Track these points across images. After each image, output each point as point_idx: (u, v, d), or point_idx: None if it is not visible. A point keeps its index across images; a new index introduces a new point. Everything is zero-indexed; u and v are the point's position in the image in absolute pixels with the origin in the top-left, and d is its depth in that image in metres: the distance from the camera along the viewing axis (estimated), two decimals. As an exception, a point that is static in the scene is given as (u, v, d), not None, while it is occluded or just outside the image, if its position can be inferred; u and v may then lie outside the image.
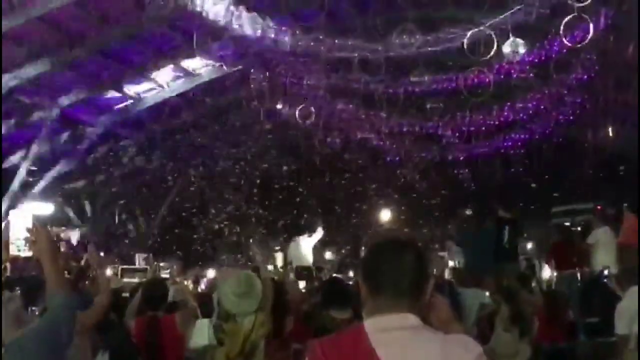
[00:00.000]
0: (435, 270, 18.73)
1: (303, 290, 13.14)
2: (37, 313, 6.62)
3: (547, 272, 18.78)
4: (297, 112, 20.60)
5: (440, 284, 12.13)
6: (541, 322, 11.40)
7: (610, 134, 21.37)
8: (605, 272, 13.14)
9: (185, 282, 18.76)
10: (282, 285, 8.98)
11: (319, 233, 18.36)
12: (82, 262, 21.70)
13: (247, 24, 15.39)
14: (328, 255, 21.72)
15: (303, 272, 16.58)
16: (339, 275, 17.21)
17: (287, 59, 18.58)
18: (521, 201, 24.68)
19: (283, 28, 16.10)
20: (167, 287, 8.68)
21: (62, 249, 22.52)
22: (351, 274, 20.97)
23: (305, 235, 18.45)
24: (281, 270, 19.19)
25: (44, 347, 4.02)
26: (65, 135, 23.20)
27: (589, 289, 13.47)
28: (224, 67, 20.60)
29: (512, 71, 17.83)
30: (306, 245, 18.07)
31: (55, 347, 4.08)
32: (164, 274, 19.02)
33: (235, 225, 31.41)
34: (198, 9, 14.15)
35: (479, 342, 2.82)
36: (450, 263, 18.44)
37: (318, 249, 18.65)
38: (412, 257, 2.77)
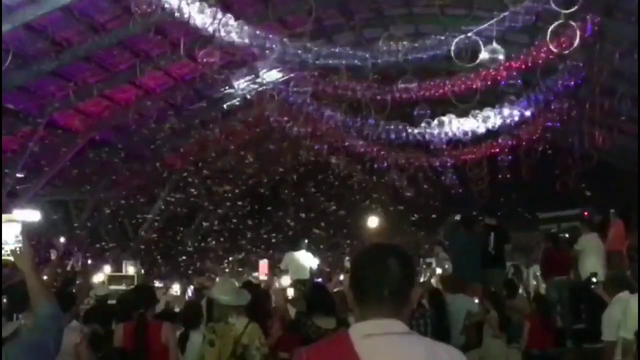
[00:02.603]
0: (427, 276, 18.81)
1: (290, 297, 13.17)
2: (22, 322, 6.61)
3: (533, 279, 18.85)
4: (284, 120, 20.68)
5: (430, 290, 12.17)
6: (533, 328, 11.45)
7: (597, 140, 21.46)
8: (593, 279, 13.18)
9: (172, 291, 18.74)
10: (266, 292, 9.01)
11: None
12: (68, 269, 21.70)
13: (234, 31, 15.37)
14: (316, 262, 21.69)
15: (301, 286, 16.55)
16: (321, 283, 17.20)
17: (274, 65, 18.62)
18: (508, 207, 24.75)
19: (270, 36, 16.08)
20: (155, 294, 8.67)
21: (52, 257, 22.44)
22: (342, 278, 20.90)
23: (303, 250, 18.47)
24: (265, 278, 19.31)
25: (32, 357, 4.02)
26: (52, 143, 23.08)
27: (576, 295, 13.53)
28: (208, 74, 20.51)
29: (499, 78, 17.87)
30: (305, 258, 18.08)
31: (43, 357, 4.08)
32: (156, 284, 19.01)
33: (222, 236, 31.40)
34: (185, 16, 14.12)
35: (466, 349, 2.86)
36: (438, 270, 18.46)
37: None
38: (396, 263, 2.80)
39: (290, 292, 14.58)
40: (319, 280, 18.39)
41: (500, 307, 11.67)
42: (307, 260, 18.08)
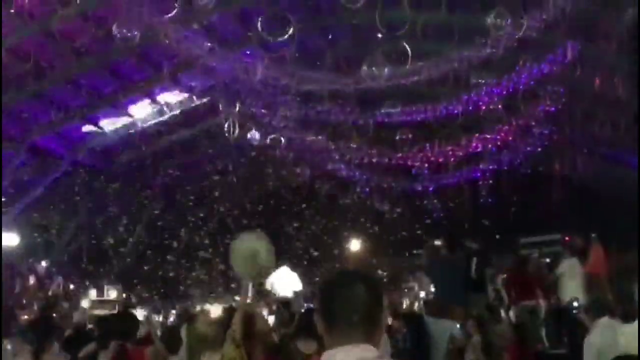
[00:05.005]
0: (407, 301, 18.80)
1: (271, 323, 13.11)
2: (9, 347, 6.58)
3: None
4: (267, 143, 20.72)
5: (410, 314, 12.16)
6: (513, 355, 11.42)
7: (578, 165, 21.60)
8: (575, 303, 13.19)
9: (156, 317, 18.61)
10: (252, 316, 8.93)
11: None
12: (50, 293, 21.53)
13: (218, 56, 15.44)
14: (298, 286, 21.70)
15: (283, 304, 16.48)
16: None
17: (257, 90, 18.66)
18: (490, 232, 24.79)
19: (253, 61, 16.17)
20: (137, 320, 8.63)
21: (32, 281, 22.29)
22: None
23: (286, 267, 18.52)
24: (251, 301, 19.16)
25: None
26: (34, 166, 22.99)
27: (557, 320, 13.54)
28: (195, 99, 20.56)
29: (481, 103, 18.00)
30: (288, 276, 18.11)
31: None
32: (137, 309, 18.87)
33: (203, 259, 31.29)
34: (169, 41, 14.16)
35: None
36: (421, 294, 18.47)
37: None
38: (363, 289, 2.82)
39: (271, 320, 14.52)
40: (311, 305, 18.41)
41: (484, 331, 11.66)
42: (290, 278, 18.15)
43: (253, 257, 6.55)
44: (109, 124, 22.72)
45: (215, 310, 14.71)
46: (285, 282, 18.17)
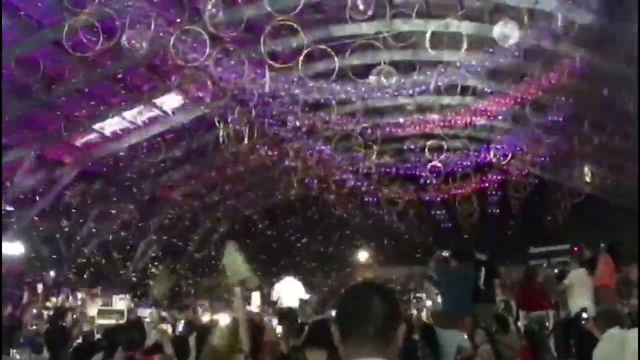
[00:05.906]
0: (415, 311, 18.74)
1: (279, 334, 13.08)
2: (17, 357, 6.58)
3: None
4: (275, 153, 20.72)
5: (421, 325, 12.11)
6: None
7: (586, 175, 21.55)
8: (584, 314, 13.15)
9: (163, 326, 18.58)
10: (260, 326, 8.94)
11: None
12: (59, 303, 21.51)
13: (225, 65, 15.44)
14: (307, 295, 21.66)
15: (289, 313, 16.47)
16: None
17: (265, 100, 18.66)
18: (498, 242, 24.76)
19: (259, 70, 16.16)
20: (144, 329, 8.62)
21: (39, 290, 22.31)
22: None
23: (290, 277, 18.50)
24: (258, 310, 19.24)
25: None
26: (41, 175, 22.97)
27: (566, 330, 13.49)
28: (201, 107, 20.56)
29: (489, 113, 17.98)
30: (293, 286, 18.09)
31: None
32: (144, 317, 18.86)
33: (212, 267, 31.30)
34: (176, 51, 14.16)
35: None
36: (428, 303, 18.42)
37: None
38: (380, 302, 2.80)
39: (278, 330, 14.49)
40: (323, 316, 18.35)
41: (492, 342, 11.64)
42: (295, 288, 18.11)
43: (234, 267, 6.64)
44: (114, 131, 22.71)
45: (222, 319, 14.71)
46: (290, 291, 18.14)
